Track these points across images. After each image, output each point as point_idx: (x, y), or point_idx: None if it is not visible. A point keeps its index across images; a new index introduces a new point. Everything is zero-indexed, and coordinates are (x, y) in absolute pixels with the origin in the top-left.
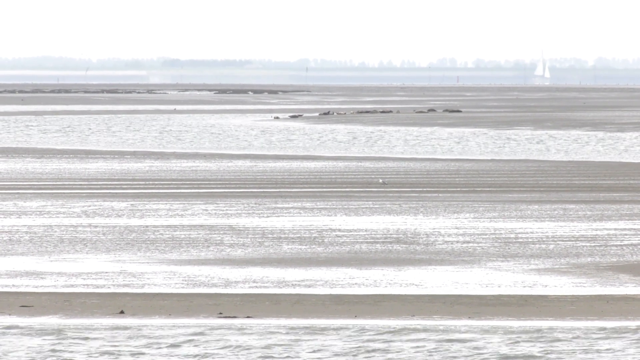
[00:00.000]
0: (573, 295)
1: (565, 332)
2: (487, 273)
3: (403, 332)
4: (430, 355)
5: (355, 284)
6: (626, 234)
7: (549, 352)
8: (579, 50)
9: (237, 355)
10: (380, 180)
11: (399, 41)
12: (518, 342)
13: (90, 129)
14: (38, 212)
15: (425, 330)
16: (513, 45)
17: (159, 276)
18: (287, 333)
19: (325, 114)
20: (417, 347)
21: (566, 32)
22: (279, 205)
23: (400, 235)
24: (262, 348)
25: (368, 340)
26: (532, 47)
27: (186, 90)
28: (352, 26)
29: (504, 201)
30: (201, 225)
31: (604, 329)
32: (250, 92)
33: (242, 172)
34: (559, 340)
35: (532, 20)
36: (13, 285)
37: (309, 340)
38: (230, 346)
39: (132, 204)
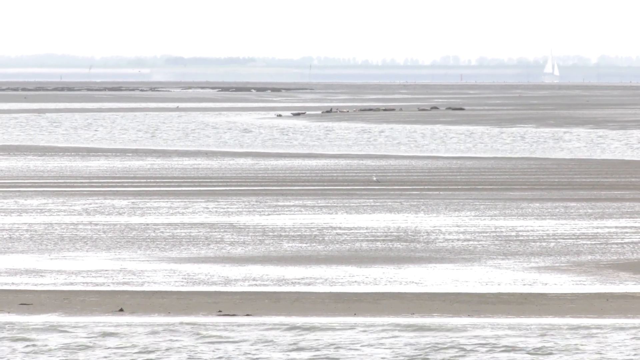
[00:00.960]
0: (573, 294)
1: (565, 329)
2: (487, 271)
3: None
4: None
5: (355, 282)
6: (627, 232)
7: (549, 350)
8: (582, 48)
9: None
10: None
11: (402, 39)
12: (518, 339)
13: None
14: (39, 210)
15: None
16: (516, 43)
17: (159, 274)
18: (286, 330)
19: (327, 111)
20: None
21: (570, 30)
22: (279, 203)
23: (401, 234)
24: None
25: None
26: (535, 45)
27: (189, 88)
28: (355, 24)
29: (505, 199)
30: (202, 223)
31: (603, 326)
32: (253, 90)
33: (243, 169)
34: (559, 338)
35: (536, 19)
36: (12, 283)
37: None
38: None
39: (133, 202)
